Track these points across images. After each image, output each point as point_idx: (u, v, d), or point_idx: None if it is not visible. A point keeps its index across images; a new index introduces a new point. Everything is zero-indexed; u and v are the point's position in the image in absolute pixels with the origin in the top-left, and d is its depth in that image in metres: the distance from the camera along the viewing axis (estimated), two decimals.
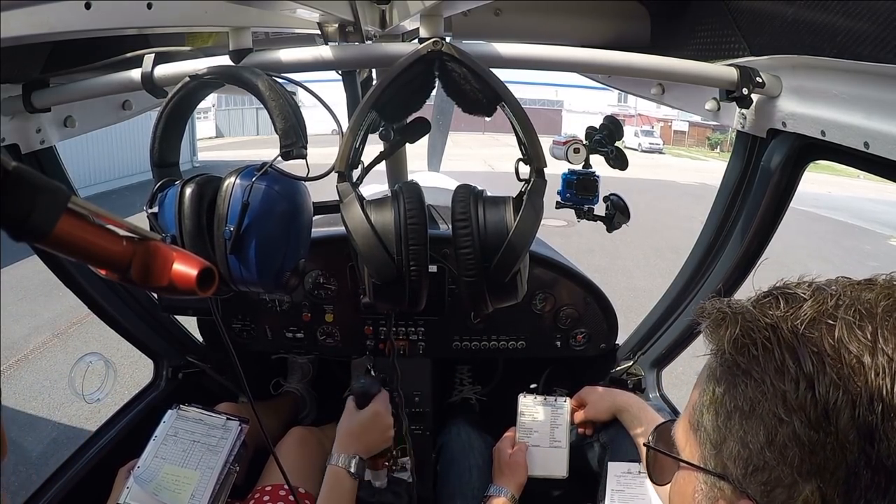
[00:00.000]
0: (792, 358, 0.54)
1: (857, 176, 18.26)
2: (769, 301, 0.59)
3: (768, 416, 0.55)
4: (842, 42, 0.90)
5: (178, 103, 1.00)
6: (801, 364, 0.53)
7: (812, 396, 0.52)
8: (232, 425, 1.46)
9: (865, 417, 0.51)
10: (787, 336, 0.55)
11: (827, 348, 0.53)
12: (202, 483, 1.35)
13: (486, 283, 0.96)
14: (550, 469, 1.53)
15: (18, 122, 1.23)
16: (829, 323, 0.54)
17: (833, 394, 0.52)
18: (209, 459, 1.39)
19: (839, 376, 0.52)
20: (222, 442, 1.42)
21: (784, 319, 0.56)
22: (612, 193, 1.29)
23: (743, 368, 0.57)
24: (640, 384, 1.85)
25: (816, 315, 0.55)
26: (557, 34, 1.43)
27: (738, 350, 0.58)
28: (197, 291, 0.61)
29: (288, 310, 1.83)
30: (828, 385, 0.52)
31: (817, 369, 0.53)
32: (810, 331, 0.55)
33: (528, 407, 1.59)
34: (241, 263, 0.94)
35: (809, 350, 0.53)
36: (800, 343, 0.54)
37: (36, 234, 0.48)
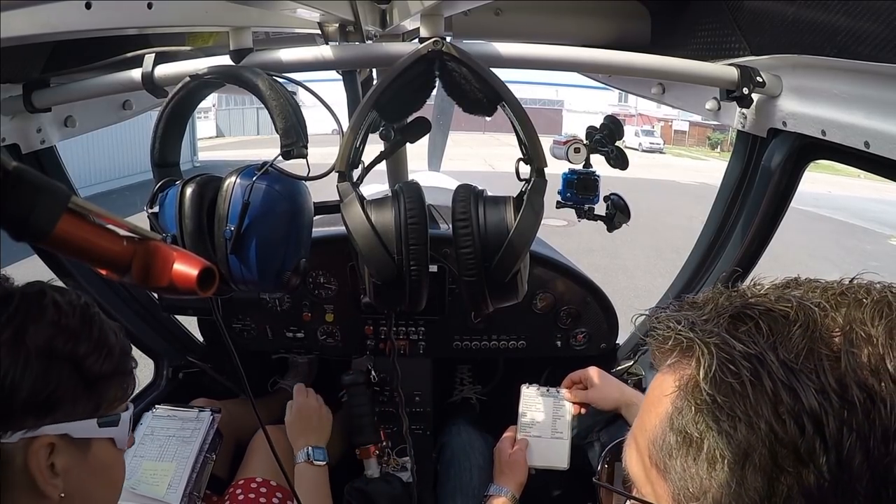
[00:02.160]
0: (790, 396, 0.47)
1: (858, 175, 18.25)
2: (748, 327, 0.51)
3: (768, 465, 0.47)
4: (842, 42, 0.90)
5: (178, 103, 1.00)
6: (804, 404, 0.46)
7: (822, 442, 0.46)
8: (204, 416, 1.50)
9: (880, 459, 0.45)
10: (778, 370, 0.48)
11: (832, 383, 0.47)
12: (178, 472, 1.39)
13: (486, 283, 0.96)
14: (551, 460, 1.51)
15: (19, 121, 1.23)
16: (827, 354, 0.48)
17: (846, 438, 0.45)
18: (183, 450, 1.43)
19: (850, 416, 0.46)
20: (195, 433, 1.46)
21: (771, 348, 0.49)
22: (613, 193, 1.29)
23: (726, 410, 0.49)
24: (641, 384, 1.85)
25: (810, 343, 0.49)
26: (558, 34, 1.43)
27: (716, 388, 0.50)
28: (197, 291, 0.61)
29: (288, 310, 1.83)
30: (838, 427, 0.46)
31: (824, 409, 0.46)
32: (808, 363, 0.48)
33: (530, 397, 1.58)
34: (242, 263, 0.94)
35: (811, 386, 0.47)
36: (797, 378, 0.47)
37: (36, 233, 0.48)
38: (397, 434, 1.75)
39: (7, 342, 0.69)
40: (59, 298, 0.77)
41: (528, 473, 1.47)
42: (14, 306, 0.72)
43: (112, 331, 0.82)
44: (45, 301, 0.75)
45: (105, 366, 0.78)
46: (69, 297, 0.78)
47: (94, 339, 0.77)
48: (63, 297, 0.77)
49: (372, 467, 1.60)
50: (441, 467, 1.73)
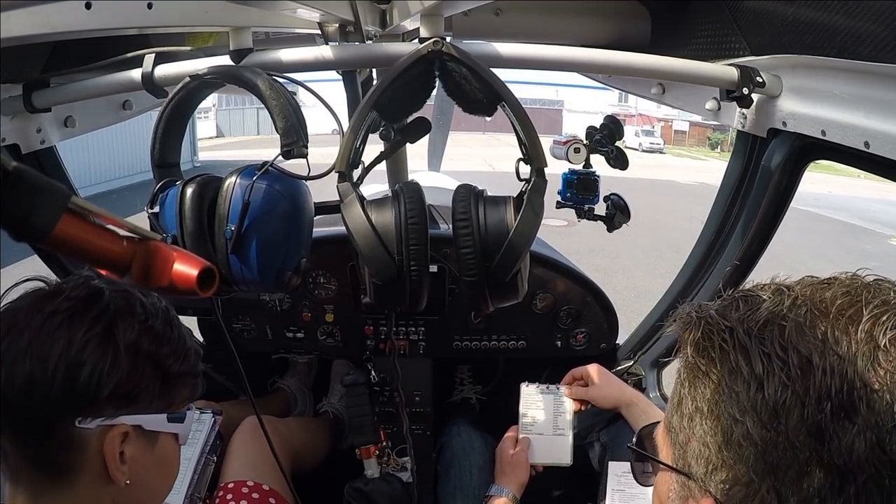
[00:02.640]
0: (745, 359, 0.55)
1: (858, 176, 18.25)
2: (731, 304, 0.60)
3: (725, 416, 0.56)
4: (842, 42, 0.90)
5: (178, 103, 1.00)
6: (752, 366, 0.54)
7: (762, 398, 0.53)
8: (206, 418, 1.46)
9: (814, 417, 0.51)
10: (742, 338, 0.56)
11: (777, 349, 0.54)
12: (179, 475, 1.36)
13: (486, 283, 0.96)
14: (554, 456, 1.50)
15: (19, 121, 1.24)
16: (781, 324, 0.55)
17: (782, 394, 0.52)
18: (185, 452, 1.38)
19: (788, 377, 0.53)
20: (196, 434, 1.43)
21: (741, 321, 0.57)
22: (613, 193, 1.29)
23: (703, 370, 0.59)
24: (641, 384, 1.85)
25: (770, 317, 0.56)
26: (558, 34, 1.43)
27: (698, 353, 0.59)
28: (197, 291, 0.62)
29: (288, 310, 1.83)
30: (776, 385, 0.53)
31: (766, 370, 0.54)
32: (762, 332, 0.55)
33: (530, 396, 1.58)
34: (242, 263, 0.94)
35: (760, 351, 0.54)
36: (752, 344, 0.55)
37: (36, 234, 0.48)
38: (397, 434, 1.75)
39: (98, 336, 0.74)
40: (145, 301, 0.82)
41: (530, 474, 1.47)
42: (104, 304, 0.77)
43: (188, 334, 0.87)
44: (133, 301, 0.80)
45: (182, 366, 0.83)
46: (153, 299, 0.83)
47: (174, 341, 0.83)
48: (148, 299, 0.82)
49: (372, 467, 1.60)
50: (441, 467, 1.73)
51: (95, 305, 0.76)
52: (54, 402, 0.72)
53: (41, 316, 0.74)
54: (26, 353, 0.72)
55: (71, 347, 0.72)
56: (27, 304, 0.76)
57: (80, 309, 0.75)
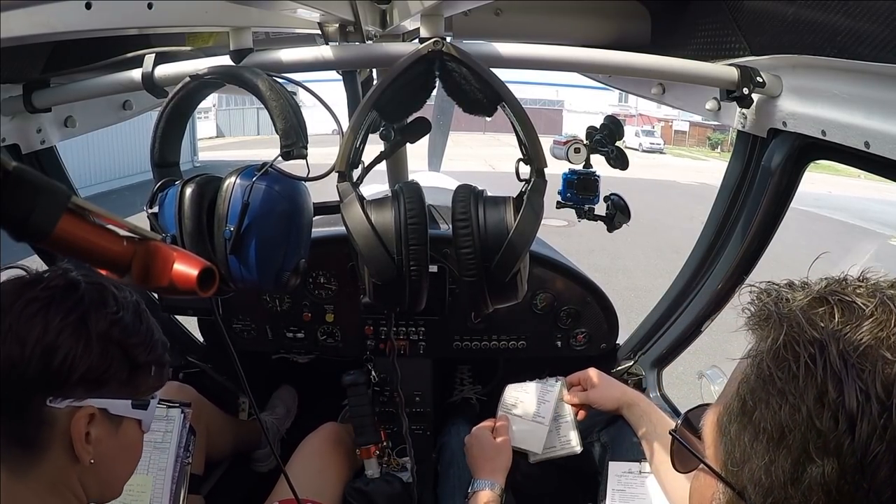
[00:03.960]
0: (835, 389, 0.47)
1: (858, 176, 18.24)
2: (823, 310, 0.51)
3: (798, 449, 0.48)
4: (842, 42, 0.90)
5: (178, 103, 1.00)
6: (845, 400, 0.46)
7: (850, 442, 0.46)
8: (174, 414, 1.37)
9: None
10: (835, 360, 0.47)
11: (878, 388, 0.46)
12: (157, 487, 1.29)
13: (486, 283, 0.96)
14: (526, 443, 1.47)
15: (19, 122, 1.23)
16: (886, 357, 0.47)
17: (875, 445, 0.45)
18: (158, 460, 1.32)
19: (886, 425, 0.45)
20: (167, 436, 1.34)
21: (835, 338, 0.48)
22: (613, 193, 1.29)
23: (779, 387, 0.50)
24: (641, 384, 1.85)
25: (874, 342, 0.47)
26: (558, 34, 1.43)
27: (776, 363, 0.51)
28: (197, 291, 0.62)
29: (288, 310, 1.83)
30: (869, 433, 0.45)
31: (861, 410, 0.46)
32: (863, 361, 0.47)
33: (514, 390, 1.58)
34: (242, 263, 0.94)
35: (857, 385, 0.46)
36: (848, 373, 0.47)
37: (36, 234, 0.48)
38: (397, 434, 1.75)
39: (73, 324, 0.80)
40: (117, 294, 0.87)
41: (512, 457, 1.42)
42: (80, 295, 0.83)
43: (156, 326, 0.93)
44: (106, 294, 0.86)
45: (149, 356, 0.89)
46: (124, 293, 0.89)
47: (143, 332, 0.88)
48: (120, 292, 0.88)
49: (372, 467, 1.60)
50: (441, 467, 1.73)
51: (72, 295, 0.82)
52: (29, 381, 0.78)
53: (21, 302, 0.79)
54: (6, 336, 0.77)
55: (47, 333, 0.78)
56: (8, 290, 0.81)
57: (57, 298, 0.81)
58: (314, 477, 1.51)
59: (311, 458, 1.58)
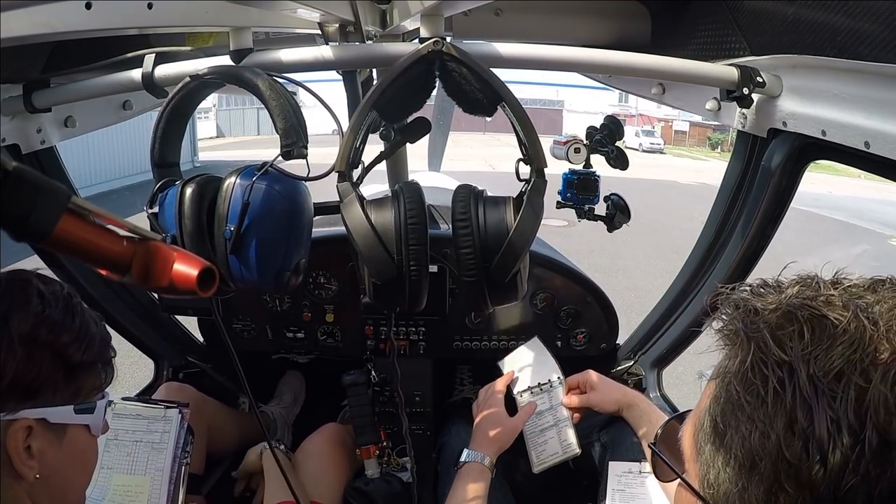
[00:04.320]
0: (805, 417, 0.44)
1: (858, 176, 18.24)
2: (793, 329, 0.48)
3: (769, 479, 0.46)
4: (842, 42, 0.90)
5: (178, 103, 1.00)
6: (815, 428, 0.44)
7: (823, 474, 0.43)
8: (172, 415, 1.36)
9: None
10: (805, 386, 0.45)
11: (850, 416, 0.43)
12: (155, 489, 1.28)
13: (486, 283, 0.96)
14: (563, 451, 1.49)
15: (19, 122, 1.23)
16: (859, 385, 0.44)
17: (848, 477, 0.43)
18: (156, 460, 1.31)
19: (859, 458, 0.43)
20: (165, 437, 1.33)
21: (805, 360, 0.46)
22: (613, 193, 1.29)
23: (747, 412, 0.48)
24: (641, 384, 1.85)
25: (846, 365, 0.45)
26: (558, 34, 1.43)
27: (745, 387, 0.49)
28: (197, 291, 0.61)
29: (288, 310, 1.83)
30: (842, 465, 0.43)
31: (833, 440, 0.43)
32: (834, 386, 0.44)
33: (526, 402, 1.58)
34: (242, 263, 0.94)
35: (828, 414, 0.44)
36: (818, 400, 0.44)
37: (36, 234, 0.48)
38: (397, 434, 1.75)
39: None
40: (44, 288, 0.79)
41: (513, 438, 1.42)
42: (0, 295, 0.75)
43: (93, 320, 0.84)
44: (30, 290, 0.78)
45: (85, 355, 0.80)
46: (53, 287, 0.81)
47: (75, 329, 0.80)
48: (47, 287, 0.80)
49: (372, 467, 1.60)
50: (441, 467, 1.72)
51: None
52: None
53: None
54: None
55: None
56: None
57: None
58: (316, 478, 1.51)
59: (312, 459, 1.58)
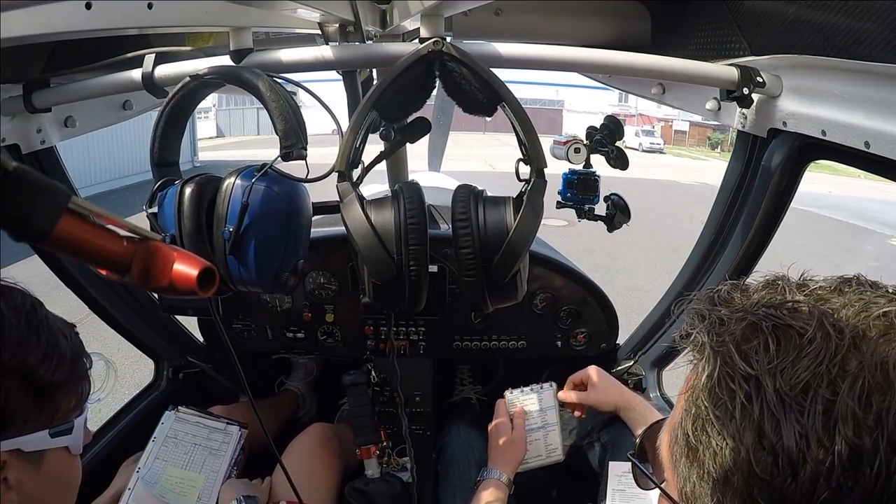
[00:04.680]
0: (774, 430, 0.44)
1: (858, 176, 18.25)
2: (758, 342, 0.48)
3: (743, 493, 0.46)
4: (842, 42, 0.90)
5: (178, 103, 1.00)
6: (784, 442, 0.44)
7: (794, 487, 0.43)
8: (233, 430, 1.47)
9: None
10: (772, 399, 0.45)
11: (819, 429, 0.43)
12: (207, 486, 1.36)
13: (486, 283, 0.96)
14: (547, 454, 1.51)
15: (19, 122, 1.23)
16: (826, 398, 0.44)
17: (821, 489, 0.43)
18: (212, 463, 1.40)
19: (831, 469, 0.42)
20: (224, 446, 1.43)
21: (771, 374, 0.45)
22: (613, 193, 1.29)
23: (717, 427, 0.48)
24: (641, 384, 1.85)
25: (812, 378, 0.44)
26: (558, 34, 1.43)
27: (713, 402, 0.48)
28: (197, 291, 0.61)
29: (288, 310, 1.83)
30: (813, 478, 0.43)
31: (802, 454, 0.43)
32: (802, 399, 0.44)
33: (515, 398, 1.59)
34: (241, 264, 0.94)
35: (796, 428, 0.43)
36: (786, 413, 0.44)
37: (36, 234, 0.48)
38: (397, 434, 1.75)
39: None
40: (2, 305, 0.71)
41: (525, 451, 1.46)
42: None
43: (62, 334, 0.76)
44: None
45: (57, 374, 0.73)
46: (14, 301, 0.72)
47: (42, 347, 0.72)
48: (7, 302, 0.71)
49: (372, 467, 1.60)
50: (441, 467, 1.73)
51: None
52: None
53: None
54: None
55: None
56: None
57: None
58: (304, 480, 1.50)
59: (300, 459, 1.57)
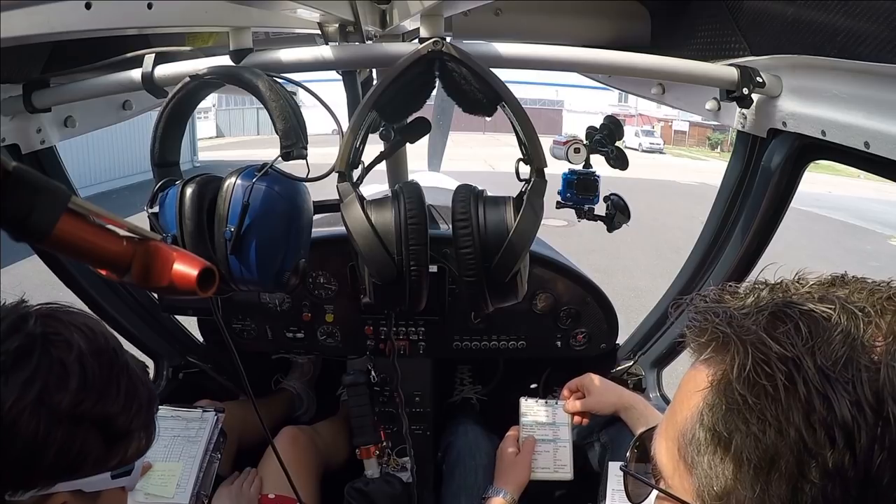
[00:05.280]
0: (824, 405, 0.45)
1: (858, 176, 18.25)
2: (787, 327, 0.48)
3: (793, 474, 0.46)
4: (842, 42, 0.90)
5: (178, 103, 0.99)
6: (837, 415, 0.45)
7: (851, 456, 0.44)
8: (208, 416, 1.50)
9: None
10: (814, 376, 0.46)
11: (868, 396, 0.44)
12: (185, 472, 1.40)
13: (486, 283, 0.96)
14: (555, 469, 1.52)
15: (19, 122, 1.23)
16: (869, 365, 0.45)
17: (877, 454, 0.44)
18: (190, 450, 1.44)
19: (884, 431, 0.44)
20: (200, 432, 1.47)
21: (810, 352, 0.47)
22: (613, 193, 1.29)
23: (756, 412, 0.48)
24: (641, 384, 1.85)
25: (850, 351, 0.46)
26: (558, 34, 1.43)
27: (748, 387, 0.48)
28: (197, 291, 0.61)
29: (288, 310, 1.83)
30: (870, 443, 0.44)
31: (856, 422, 0.44)
32: (845, 371, 0.45)
33: (530, 408, 1.59)
34: (242, 264, 0.94)
35: (846, 399, 0.45)
36: (833, 388, 0.45)
37: (36, 234, 0.47)
38: (397, 434, 1.75)
39: (31, 405, 0.65)
40: (84, 346, 0.70)
41: (530, 476, 1.47)
42: (35, 364, 0.67)
43: (140, 380, 0.76)
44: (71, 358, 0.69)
45: (133, 423, 0.74)
46: (96, 343, 0.72)
47: (122, 396, 0.73)
48: (90, 344, 0.71)
49: (372, 467, 1.60)
50: (446, 467, 1.73)
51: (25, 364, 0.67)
52: None
53: None
54: None
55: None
56: None
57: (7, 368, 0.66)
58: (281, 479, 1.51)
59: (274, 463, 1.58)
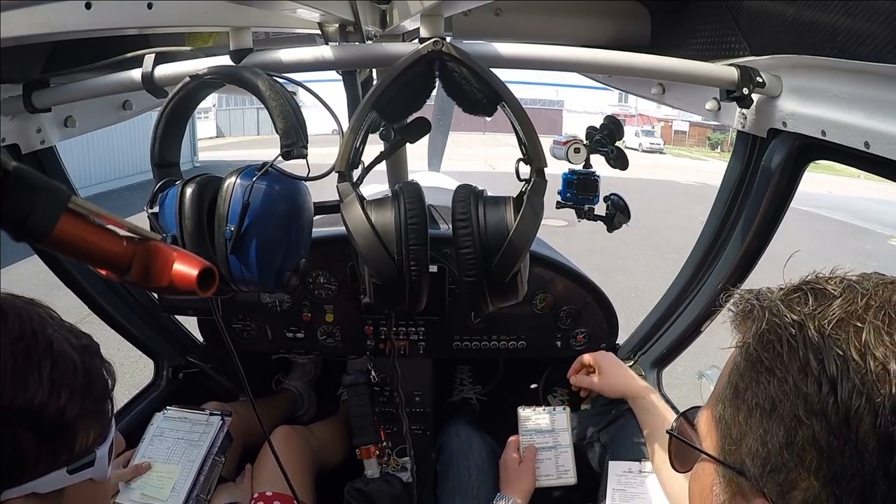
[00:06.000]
0: (816, 359, 0.53)
1: (858, 176, 18.25)
2: (798, 297, 0.57)
3: (789, 416, 0.54)
4: (842, 42, 0.90)
5: (178, 103, 0.99)
6: (825, 366, 0.52)
7: (834, 401, 0.51)
8: (214, 420, 1.52)
9: (887, 427, 0.49)
10: (814, 335, 0.54)
11: (853, 352, 0.52)
12: (182, 475, 1.41)
13: (486, 283, 0.96)
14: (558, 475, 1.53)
15: (19, 121, 1.23)
16: (856, 325, 0.53)
17: (855, 400, 0.50)
18: (190, 453, 1.45)
19: (863, 382, 0.50)
20: (203, 436, 1.48)
21: (811, 317, 0.55)
22: (613, 193, 1.29)
23: (766, 365, 0.56)
24: None
25: (845, 316, 0.54)
26: (558, 34, 1.43)
27: (762, 346, 0.57)
28: (197, 291, 0.61)
29: (288, 310, 1.83)
30: (850, 390, 0.51)
31: (841, 373, 0.51)
32: (837, 332, 0.53)
33: (528, 417, 1.60)
34: (242, 263, 0.94)
35: (835, 352, 0.52)
36: (825, 344, 0.53)
37: (36, 234, 0.47)
38: (397, 434, 1.75)
39: None
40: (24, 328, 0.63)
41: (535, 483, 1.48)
42: None
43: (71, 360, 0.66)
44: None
45: (69, 410, 0.64)
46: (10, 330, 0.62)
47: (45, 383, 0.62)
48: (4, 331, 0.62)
49: (372, 467, 1.60)
50: (440, 468, 1.73)
51: None
52: None
53: None
54: None
55: None
56: None
57: None
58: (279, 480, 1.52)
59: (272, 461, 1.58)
